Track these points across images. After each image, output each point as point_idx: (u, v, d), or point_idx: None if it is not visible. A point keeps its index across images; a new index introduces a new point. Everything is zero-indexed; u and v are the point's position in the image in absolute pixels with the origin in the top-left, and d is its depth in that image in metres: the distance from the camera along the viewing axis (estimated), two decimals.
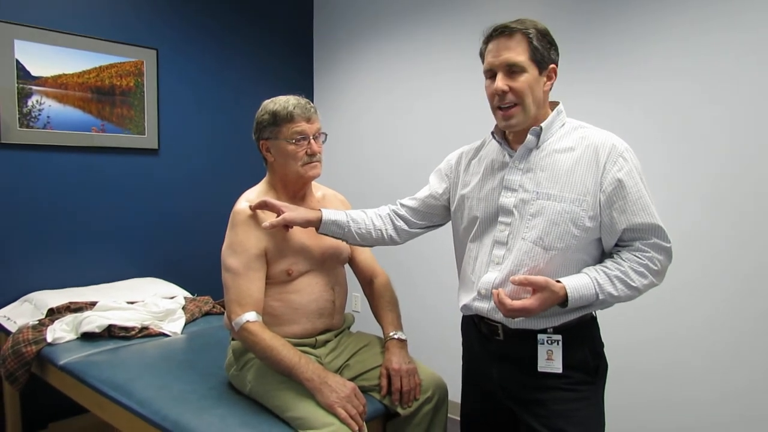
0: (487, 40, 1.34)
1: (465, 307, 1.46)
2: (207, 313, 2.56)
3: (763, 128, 2.01)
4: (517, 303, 1.25)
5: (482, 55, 1.38)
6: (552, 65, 1.33)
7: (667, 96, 2.22)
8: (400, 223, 1.64)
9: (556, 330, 1.31)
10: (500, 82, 1.29)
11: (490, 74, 1.33)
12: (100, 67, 2.70)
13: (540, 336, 1.31)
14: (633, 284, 1.27)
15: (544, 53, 1.30)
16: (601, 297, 1.26)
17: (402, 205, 1.65)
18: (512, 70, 1.29)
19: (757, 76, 2.02)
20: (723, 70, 2.09)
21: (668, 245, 1.29)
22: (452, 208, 1.56)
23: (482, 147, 1.52)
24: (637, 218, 1.27)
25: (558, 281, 1.26)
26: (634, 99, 2.30)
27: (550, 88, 1.36)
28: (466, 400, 1.57)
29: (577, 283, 1.25)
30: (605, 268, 1.28)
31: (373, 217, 1.63)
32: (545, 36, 1.31)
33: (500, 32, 1.30)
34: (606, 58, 2.36)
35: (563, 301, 1.25)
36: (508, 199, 1.36)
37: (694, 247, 2.16)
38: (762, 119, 2.01)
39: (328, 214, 1.58)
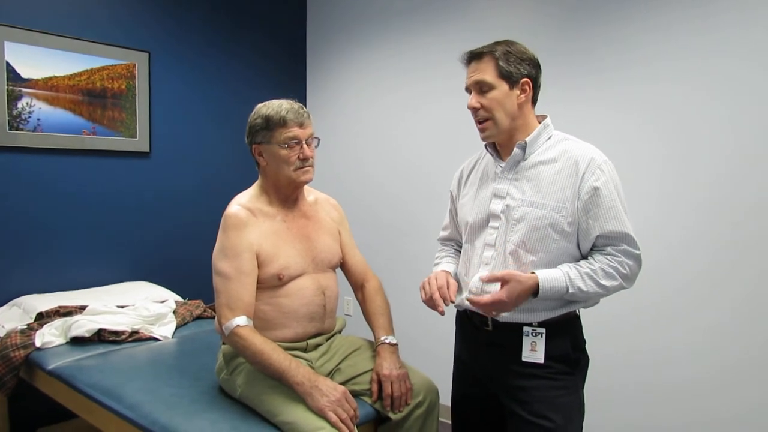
0: (466, 64, 1.48)
1: (459, 304, 1.54)
2: (198, 317, 2.55)
3: (762, 132, 2.00)
4: (487, 297, 1.36)
5: None
6: (524, 79, 1.42)
7: (662, 100, 2.21)
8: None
9: (541, 324, 1.41)
10: (472, 99, 1.45)
11: (469, 93, 1.47)
12: (92, 69, 2.69)
13: (525, 329, 1.42)
14: (602, 282, 1.36)
15: (512, 70, 1.41)
16: (570, 290, 1.35)
17: (446, 239, 1.74)
18: (482, 89, 1.43)
19: (756, 77, 2.00)
20: (720, 72, 2.07)
21: (637, 252, 1.39)
22: (457, 219, 1.65)
23: (480, 158, 1.62)
24: (608, 225, 1.37)
25: (532, 272, 1.36)
26: (628, 103, 2.30)
27: (528, 99, 1.46)
28: (455, 385, 1.65)
29: (549, 275, 1.36)
30: (578, 266, 1.38)
31: (454, 262, 1.65)
32: (515, 54, 1.42)
33: (471, 57, 1.46)
34: (597, 62, 2.37)
35: (535, 290, 1.35)
36: (496, 206, 1.47)
37: (691, 251, 2.16)
38: (761, 123, 2.00)
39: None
